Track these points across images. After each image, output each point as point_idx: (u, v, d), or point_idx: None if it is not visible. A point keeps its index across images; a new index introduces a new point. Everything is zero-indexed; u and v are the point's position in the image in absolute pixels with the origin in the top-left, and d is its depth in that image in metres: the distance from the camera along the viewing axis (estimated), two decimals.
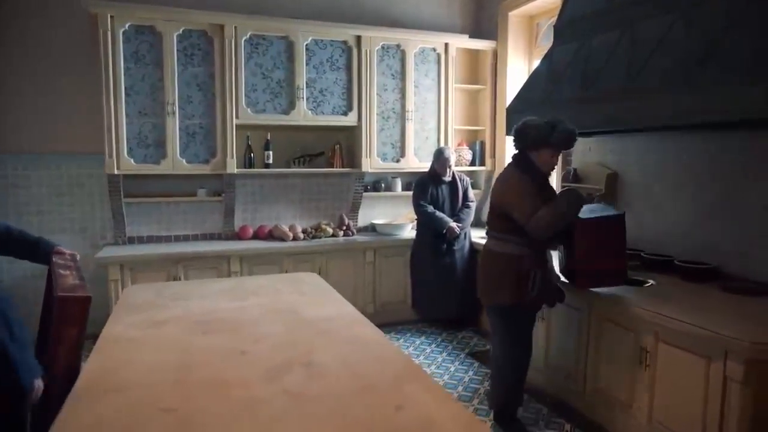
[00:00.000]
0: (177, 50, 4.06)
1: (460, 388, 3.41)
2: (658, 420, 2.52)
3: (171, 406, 1.48)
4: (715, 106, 2.24)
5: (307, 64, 4.41)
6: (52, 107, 4.11)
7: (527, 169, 2.74)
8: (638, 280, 3.13)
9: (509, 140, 4.95)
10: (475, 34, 5.12)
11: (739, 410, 2.15)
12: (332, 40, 4.48)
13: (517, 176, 2.74)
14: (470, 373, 3.65)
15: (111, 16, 3.87)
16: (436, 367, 3.76)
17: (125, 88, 3.97)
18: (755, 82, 2.03)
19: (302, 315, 2.32)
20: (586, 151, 3.99)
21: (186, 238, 4.53)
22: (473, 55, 5.15)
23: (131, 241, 4.37)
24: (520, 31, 4.88)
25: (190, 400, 1.52)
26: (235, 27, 4.16)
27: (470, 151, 5.15)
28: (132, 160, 4.04)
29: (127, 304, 2.51)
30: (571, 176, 4.01)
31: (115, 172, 4.00)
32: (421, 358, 3.93)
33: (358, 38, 4.53)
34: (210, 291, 2.75)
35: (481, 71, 5.14)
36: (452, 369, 3.72)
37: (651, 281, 3.05)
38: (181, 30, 4.06)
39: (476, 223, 5.21)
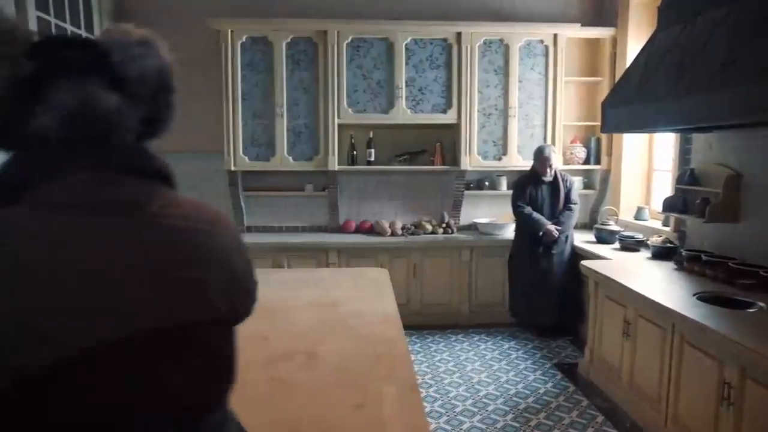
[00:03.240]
0: (285, 57, 4.42)
1: (530, 399, 3.23)
2: None
3: None
4: None
5: (406, 64, 4.48)
6: (185, 112, 4.73)
7: None
8: (744, 301, 2.69)
9: (627, 137, 4.52)
10: (593, 22, 4.73)
11: None
12: (432, 39, 4.49)
13: None
14: (549, 385, 3.43)
15: (231, 31, 4.35)
16: (515, 374, 3.60)
17: (242, 93, 4.44)
18: None
19: (339, 309, 2.42)
20: (707, 149, 3.48)
21: (295, 230, 4.92)
22: (590, 45, 4.76)
23: (249, 230, 4.88)
24: (644, 15, 4.38)
25: None
26: (338, 32, 4.39)
27: (584, 149, 4.79)
28: (246, 158, 4.51)
29: None
30: (686, 177, 3.53)
31: (232, 168, 4.50)
32: (503, 363, 3.79)
33: (458, 35, 4.47)
34: (277, 280, 2.98)
35: (600, 62, 4.74)
36: (531, 378, 3.53)
37: (761, 304, 2.60)
38: (289, 38, 4.40)
39: (585, 226, 4.84)
